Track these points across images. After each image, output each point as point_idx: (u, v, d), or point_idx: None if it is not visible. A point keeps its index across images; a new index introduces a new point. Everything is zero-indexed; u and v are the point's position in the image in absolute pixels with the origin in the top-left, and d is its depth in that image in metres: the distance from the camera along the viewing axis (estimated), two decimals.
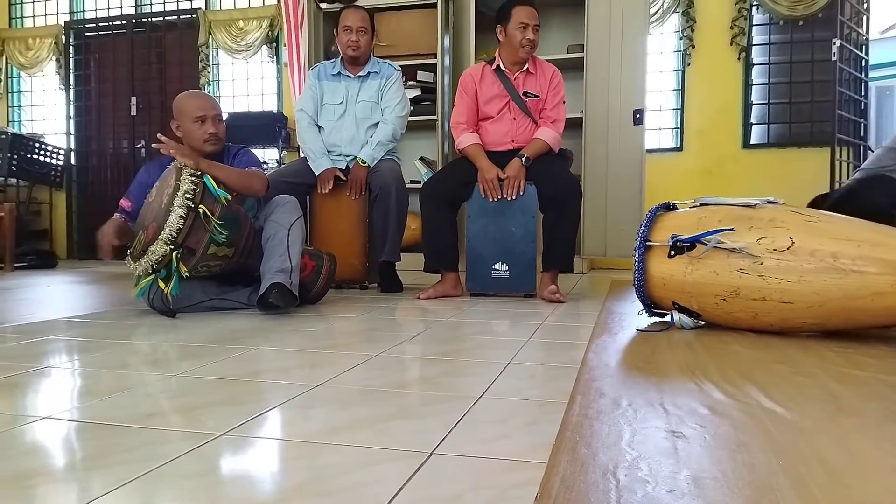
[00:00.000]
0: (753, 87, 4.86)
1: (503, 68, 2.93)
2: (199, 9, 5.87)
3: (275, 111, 5.50)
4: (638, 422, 1.07)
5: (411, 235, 3.80)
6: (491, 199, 2.82)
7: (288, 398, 1.22)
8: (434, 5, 4.35)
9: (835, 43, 4.10)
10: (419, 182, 4.17)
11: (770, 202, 2.02)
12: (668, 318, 2.09)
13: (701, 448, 0.94)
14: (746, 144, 4.86)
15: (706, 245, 1.93)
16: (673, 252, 2.01)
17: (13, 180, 5.73)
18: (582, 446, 0.94)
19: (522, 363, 1.53)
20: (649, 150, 4.61)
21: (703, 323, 2.07)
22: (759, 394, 1.24)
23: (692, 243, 1.97)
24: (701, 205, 2.14)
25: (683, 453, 0.92)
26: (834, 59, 4.12)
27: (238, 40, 5.72)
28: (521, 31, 2.83)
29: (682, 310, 2.05)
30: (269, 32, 5.65)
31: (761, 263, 1.85)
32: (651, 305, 2.16)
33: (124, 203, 2.46)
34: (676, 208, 2.22)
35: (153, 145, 2.28)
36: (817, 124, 4.70)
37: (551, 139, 2.88)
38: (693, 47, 4.86)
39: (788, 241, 1.83)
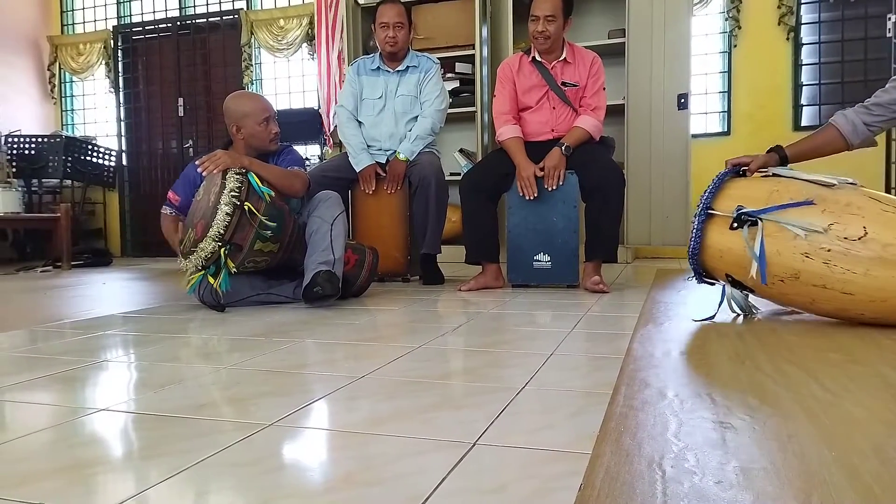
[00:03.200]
0: (803, 67, 4.69)
1: (539, 59, 2.90)
2: (241, 9, 5.97)
3: (316, 108, 5.56)
4: (684, 412, 1.05)
5: (452, 227, 3.81)
6: (528, 198, 2.80)
7: (334, 389, 1.24)
8: None
9: (890, 18, 3.93)
10: (459, 174, 4.17)
11: (849, 183, 1.88)
12: (717, 288, 2.02)
13: (750, 439, 0.92)
14: (798, 127, 4.70)
15: (775, 222, 1.81)
16: (736, 224, 1.90)
17: (68, 182, 5.94)
18: (627, 437, 0.93)
19: (566, 354, 1.53)
20: (695, 136, 4.51)
21: (752, 302, 1.99)
22: (812, 383, 1.21)
23: (757, 219, 1.85)
24: (773, 175, 2.01)
25: (732, 444, 0.90)
26: (889, 34, 3.95)
27: (279, 39, 5.80)
28: (533, 23, 2.81)
29: (735, 283, 1.97)
30: (309, 30, 5.71)
31: (828, 251, 1.74)
32: (703, 274, 2.08)
33: (172, 197, 2.52)
34: (746, 175, 2.09)
35: (199, 170, 2.34)
36: None
37: (591, 127, 2.84)
38: (739, 28, 4.72)
39: (861, 231, 1.72)
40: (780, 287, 1.87)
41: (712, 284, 2.06)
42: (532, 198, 2.80)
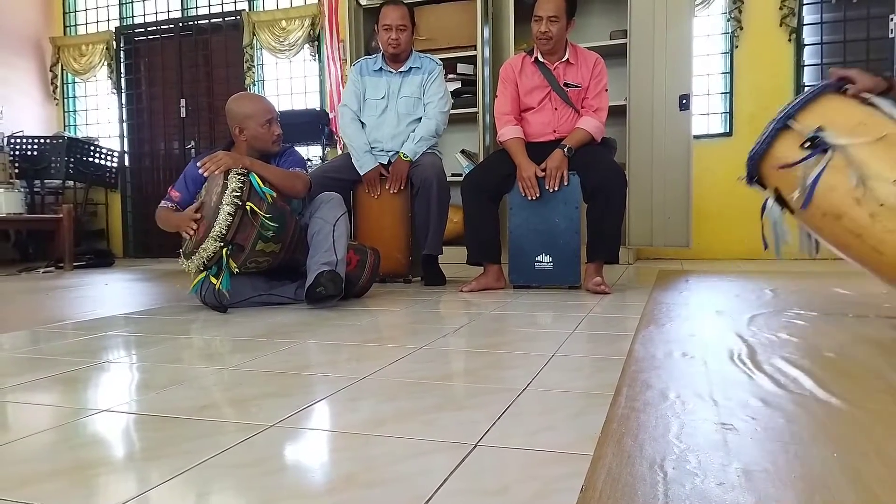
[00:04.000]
0: (805, 68, 4.69)
1: (542, 59, 2.90)
2: (243, 10, 5.98)
3: (318, 109, 5.57)
4: (686, 414, 1.05)
5: (454, 228, 3.81)
6: (529, 198, 2.80)
7: (335, 390, 1.24)
8: None
9: (892, 19, 3.93)
10: (460, 175, 4.17)
11: None
12: (765, 196, 1.97)
13: (752, 440, 0.92)
14: None
15: (844, 157, 1.69)
16: (808, 145, 1.78)
17: (70, 183, 5.95)
18: (628, 438, 0.93)
19: (567, 355, 1.53)
20: (697, 137, 4.50)
21: (786, 228, 1.93)
22: (814, 385, 1.21)
23: (829, 148, 1.73)
24: (870, 105, 1.84)
25: (734, 446, 0.90)
26: (891, 35, 3.95)
27: (281, 40, 5.81)
28: (536, 23, 2.81)
29: (779, 200, 1.90)
30: (311, 31, 5.72)
31: (881, 205, 1.63)
32: (755, 179, 2.01)
33: (173, 193, 2.50)
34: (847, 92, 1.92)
35: (199, 171, 2.34)
36: None
37: (593, 128, 2.84)
38: (741, 29, 4.72)
39: None
40: (818, 220, 1.78)
41: (761, 189, 1.98)
42: (534, 198, 2.80)
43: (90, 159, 6.01)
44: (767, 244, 2.00)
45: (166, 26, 6.27)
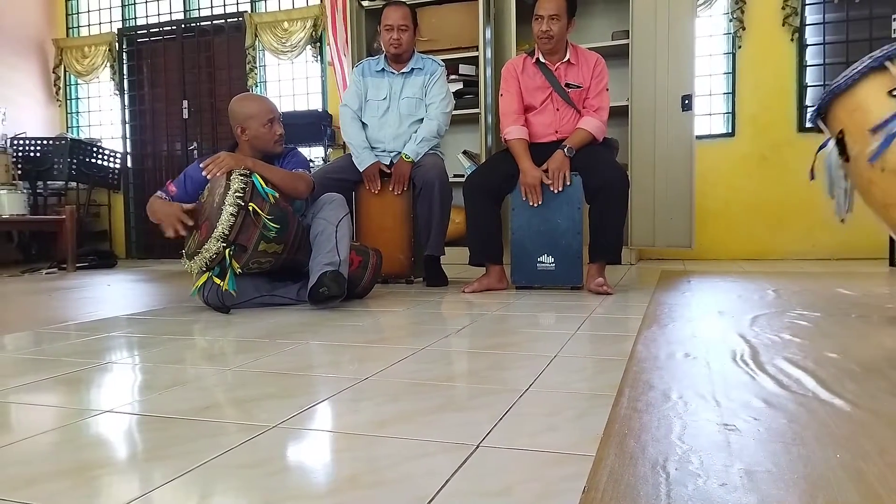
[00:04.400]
0: (808, 68, 4.69)
1: (543, 60, 2.90)
2: (245, 12, 5.99)
3: (320, 110, 5.57)
4: (689, 415, 1.05)
5: (456, 229, 3.81)
6: (531, 204, 2.80)
7: (337, 391, 1.24)
8: None
9: (894, 19, 3.92)
10: (463, 176, 4.17)
11: None
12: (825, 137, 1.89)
13: (755, 441, 0.92)
14: (802, 128, 4.68)
15: None
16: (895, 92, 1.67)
17: (73, 184, 5.96)
18: (630, 439, 0.93)
19: (569, 356, 1.52)
20: (699, 137, 4.50)
21: (843, 172, 1.85)
22: (817, 385, 1.20)
23: None
24: None
25: (736, 446, 0.90)
26: (894, 35, 3.94)
27: (283, 41, 5.82)
28: (537, 23, 2.81)
29: (840, 144, 1.81)
30: (313, 32, 5.72)
31: None
32: (823, 118, 1.91)
33: (170, 187, 2.48)
34: None
35: (203, 173, 2.34)
36: None
37: (594, 128, 2.84)
38: (743, 29, 4.71)
39: None
40: (876, 175, 1.70)
41: (823, 127, 1.90)
42: (535, 204, 2.79)
43: (93, 160, 6.03)
44: (814, 176, 1.93)
45: (169, 28, 6.28)
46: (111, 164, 6.26)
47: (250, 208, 2.21)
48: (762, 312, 2.11)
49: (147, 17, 6.51)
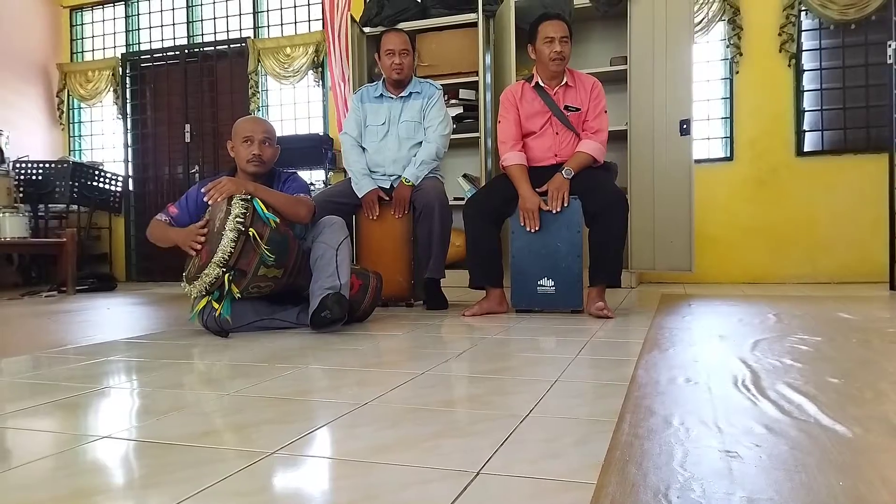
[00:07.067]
0: (805, 93, 4.73)
1: (542, 84, 2.93)
2: (248, 37, 6.07)
3: (321, 134, 5.62)
4: (690, 441, 1.04)
5: (456, 252, 3.81)
6: (529, 229, 2.80)
7: (337, 416, 1.23)
8: (474, 24, 4.40)
9: (890, 45, 3.96)
10: (463, 199, 4.19)
11: None
12: None
13: (757, 468, 0.91)
14: (800, 152, 4.72)
15: None
16: None
17: (75, 207, 5.98)
18: (632, 466, 0.92)
19: (570, 381, 1.52)
20: (698, 161, 4.53)
21: None
22: (818, 411, 1.20)
23: None
24: None
25: (738, 474, 0.89)
26: (890, 61, 3.98)
27: (285, 66, 5.88)
28: (549, 44, 2.84)
29: None
30: (315, 58, 5.79)
31: None
32: None
33: (171, 209, 2.50)
34: None
35: (205, 199, 2.35)
36: (874, 129, 4.55)
37: (594, 150, 2.86)
38: (741, 55, 4.77)
39: None
40: None
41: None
42: (533, 230, 2.80)
43: (94, 184, 6.06)
44: None
45: (172, 53, 6.35)
46: (113, 188, 6.29)
47: (251, 233, 2.21)
48: (763, 337, 2.10)
49: (151, 42, 6.59)
